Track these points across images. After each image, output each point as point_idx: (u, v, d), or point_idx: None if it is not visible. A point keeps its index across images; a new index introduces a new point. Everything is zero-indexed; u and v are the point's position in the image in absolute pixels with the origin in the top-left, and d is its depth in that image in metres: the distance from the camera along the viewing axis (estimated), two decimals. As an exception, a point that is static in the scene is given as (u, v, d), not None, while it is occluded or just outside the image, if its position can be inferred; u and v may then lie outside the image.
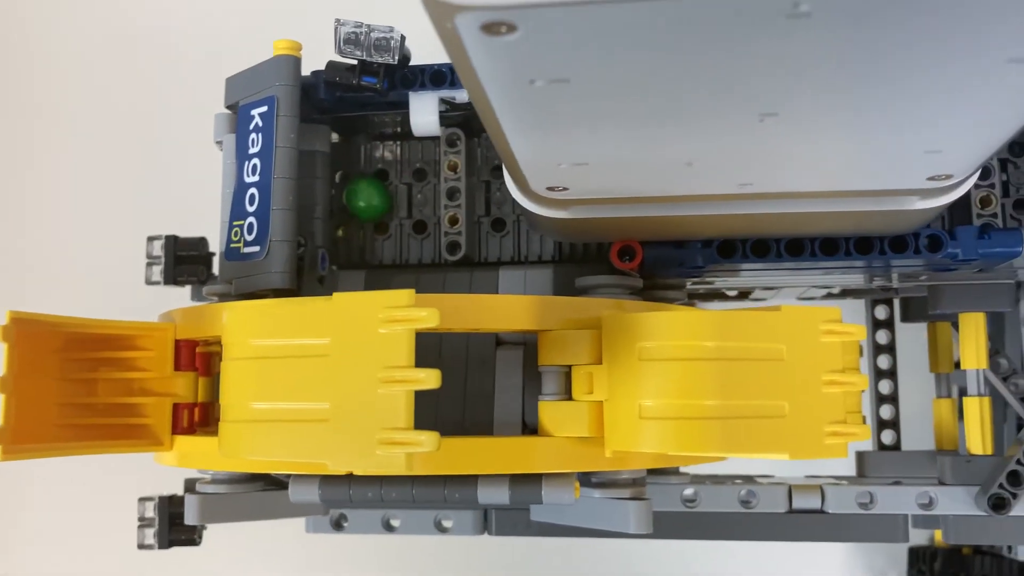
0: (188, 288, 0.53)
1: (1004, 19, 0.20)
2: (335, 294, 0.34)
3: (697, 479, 0.51)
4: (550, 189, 0.35)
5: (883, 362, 0.58)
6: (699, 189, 0.34)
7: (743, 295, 0.58)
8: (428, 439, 0.30)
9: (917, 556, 0.83)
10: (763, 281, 0.50)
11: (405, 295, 0.31)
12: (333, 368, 0.31)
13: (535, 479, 0.39)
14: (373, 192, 0.49)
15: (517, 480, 0.39)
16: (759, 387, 0.33)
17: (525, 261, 0.48)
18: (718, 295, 0.59)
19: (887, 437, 0.58)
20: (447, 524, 0.52)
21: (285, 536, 0.73)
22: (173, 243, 0.52)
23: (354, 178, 0.50)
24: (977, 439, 0.49)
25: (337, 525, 0.52)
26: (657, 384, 0.33)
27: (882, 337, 0.58)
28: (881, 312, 0.59)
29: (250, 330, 0.34)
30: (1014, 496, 0.46)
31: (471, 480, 0.39)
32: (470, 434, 0.41)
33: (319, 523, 0.52)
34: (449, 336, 0.43)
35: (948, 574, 0.82)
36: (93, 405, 0.41)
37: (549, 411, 0.37)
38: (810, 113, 0.26)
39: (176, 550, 0.50)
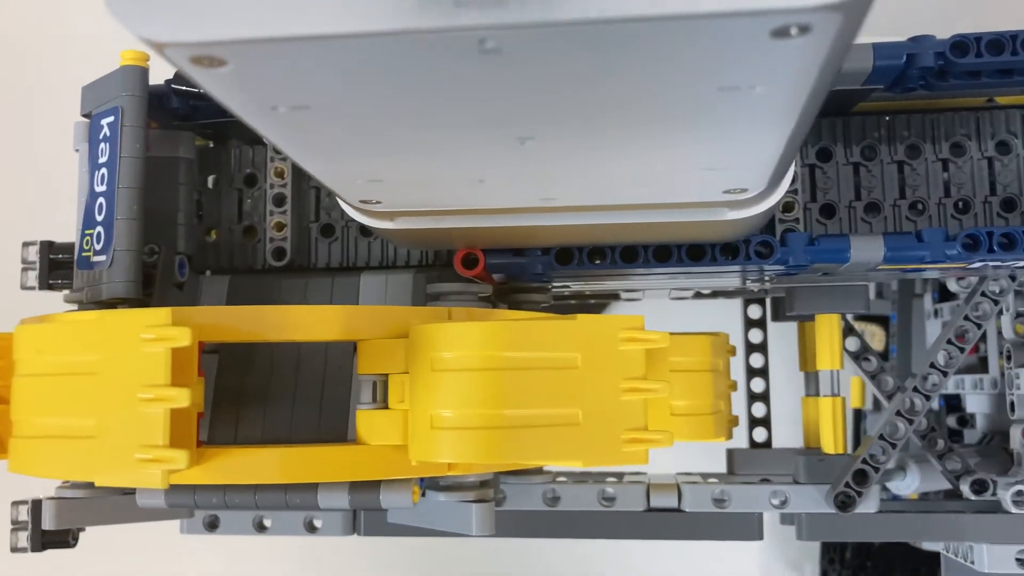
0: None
1: (696, 52, 0.21)
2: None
3: (561, 475, 0.52)
4: (364, 202, 0.35)
5: (756, 360, 0.59)
6: (500, 203, 0.35)
7: (614, 296, 0.59)
8: (181, 456, 0.31)
9: (829, 547, 0.85)
10: (621, 284, 0.51)
11: (164, 314, 0.32)
12: (98, 387, 0.32)
13: (374, 485, 0.40)
14: None
15: (357, 486, 0.40)
16: (551, 396, 0.33)
17: (391, 266, 0.48)
18: (590, 297, 0.60)
19: (759, 435, 0.59)
20: (317, 524, 0.52)
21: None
22: (48, 248, 0.52)
23: None
24: (829, 438, 0.50)
25: (211, 526, 0.53)
26: (445, 395, 0.34)
27: (755, 336, 0.59)
28: (754, 311, 0.60)
29: (36, 345, 0.35)
30: (859, 494, 0.47)
31: (312, 485, 0.40)
32: (325, 442, 0.42)
33: (192, 524, 0.53)
34: (308, 345, 0.44)
35: (857, 564, 0.85)
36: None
37: (364, 419, 0.38)
38: (562, 136, 0.27)
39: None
